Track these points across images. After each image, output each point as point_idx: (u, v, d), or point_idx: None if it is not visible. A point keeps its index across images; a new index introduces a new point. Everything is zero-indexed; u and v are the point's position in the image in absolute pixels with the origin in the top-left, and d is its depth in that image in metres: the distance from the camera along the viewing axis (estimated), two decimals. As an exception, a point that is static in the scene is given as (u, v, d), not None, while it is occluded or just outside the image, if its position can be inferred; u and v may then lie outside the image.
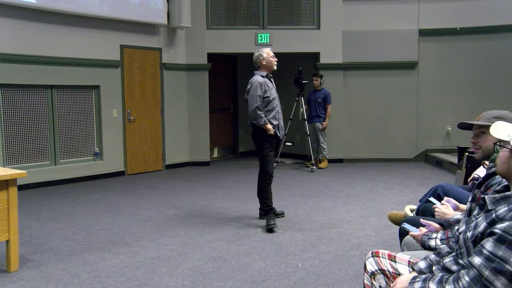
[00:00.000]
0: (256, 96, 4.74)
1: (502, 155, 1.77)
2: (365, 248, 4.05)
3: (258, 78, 4.84)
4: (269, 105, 4.85)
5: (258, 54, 4.94)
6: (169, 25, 8.24)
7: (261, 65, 4.93)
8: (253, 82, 4.82)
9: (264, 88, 4.79)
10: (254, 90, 4.76)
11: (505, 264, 1.55)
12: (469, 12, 8.62)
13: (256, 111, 4.75)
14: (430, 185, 3.97)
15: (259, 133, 4.85)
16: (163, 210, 5.51)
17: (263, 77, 4.87)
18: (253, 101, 4.75)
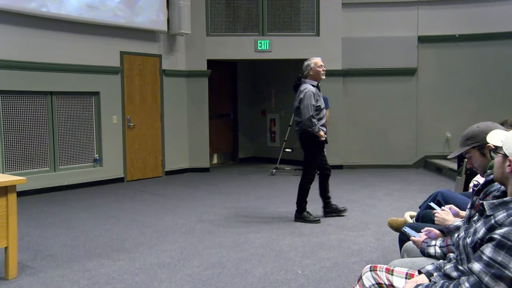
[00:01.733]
0: (310, 105, 4.96)
1: (497, 160, 1.80)
2: (365, 255, 4.04)
3: (310, 88, 5.04)
4: (320, 113, 5.09)
5: (307, 64, 5.18)
6: (169, 31, 8.27)
7: (309, 75, 5.13)
8: (306, 92, 5.00)
9: (316, 97, 5.01)
10: (308, 99, 4.97)
11: (505, 269, 1.55)
12: (467, 19, 8.66)
13: (311, 119, 4.96)
14: (430, 191, 3.97)
15: (310, 138, 5.06)
16: (163, 217, 5.50)
17: (314, 86, 5.08)
18: (308, 110, 4.96)
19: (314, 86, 5.07)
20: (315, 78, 5.13)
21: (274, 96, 10.15)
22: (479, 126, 2.45)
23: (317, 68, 5.10)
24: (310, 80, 5.13)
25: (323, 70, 5.14)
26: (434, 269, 1.95)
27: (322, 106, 5.11)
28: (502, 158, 1.75)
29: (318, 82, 5.16)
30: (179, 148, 8.72)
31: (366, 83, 9.00)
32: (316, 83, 5.12)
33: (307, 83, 5.10)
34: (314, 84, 5.10)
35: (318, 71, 5.10)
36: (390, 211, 5.60)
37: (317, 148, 5.16)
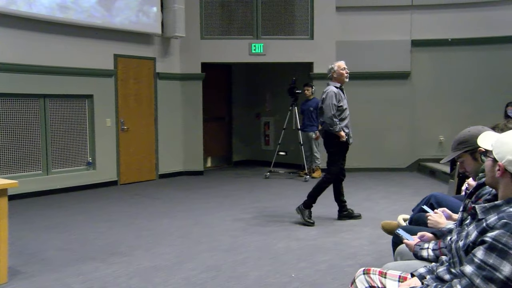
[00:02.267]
0: (332, 105, 5.09)
1: (487, 164, 1.82)
2: (360, 258, 4.06)
3: (332, 89, 5.19)
4: (342, 114, 5.21)
5: (330, 67, 5.33)
6: (164, 34, 8.27)
7: (332, 78, 5.28)
8: (328, 92, 5.16)
9: (338, 98, 5.14)
10: (330, 99, 5.11)
11: (496, 272, 1.58)
12: (460, 23, 8.73)
13: (333, 118, 5.08)
14: (423, 194, 4.00)
15: (332, 139, 5.16)
16: (158, 219, 5.50)
17: (337, 88, 5.21)
18: (329, 109, 5.08)
19: (337, 88, 5.21)
20: (338, 81, 5.27)
21: (268, 100, 10.17)
22: (470, 130, 2.48)
23: (340, 71, 5.26)
24: (333, 82, 5.28)
25: (346, 73, 5.29)
26: (427, 272, 1.97)
27: (345, 106, 5.22)
28: (492, 162, 1.77)
29: (342, 84, 5.29)
30: (173, 151, 8.71)
31: (360, 87, 9.02)
32: (339, 85, 5.26)
33: (330, 85, 5.25)
34: (337, 86, 5.24)
35: (341, 74, 5.26)
36: (385, 214, 5.62)
37: (339, 149, 5.25)
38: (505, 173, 1.71)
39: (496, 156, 1.73)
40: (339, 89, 5.25)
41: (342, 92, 5.27)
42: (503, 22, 8.63)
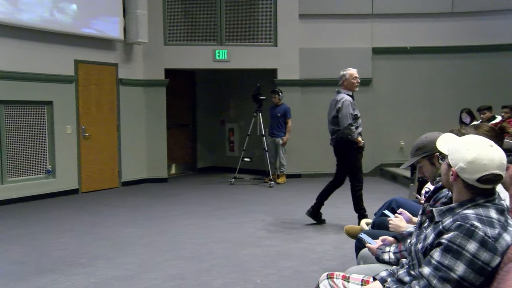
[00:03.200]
0: (349, 114, 5.06)
1: (443, 167, 1.88)
2: (324, 263, 4.09)
3: (347, 97, 5.14)
4: (357, 122, 5.20)
5: (341, 74, 5.29)
6: (126, 40, 8.14)
7: (343, 85, 5.25)
8: (343, 101, 5.10)
9: (353, 106, 5.12)
10: (347, 108, 5.07)
11: (451, 272, 1.62)
12: (418, 32, 9.03)
13: (350, 127, 5.06)
14: (385, 199, 4.09)
15: (350, 146, 5.17)
16: (121, 228, 5.37)
17: (350, 96, 5.18)
18: (346, 118, 5.06)
19: (350, 96, 5.19)
20: (349, 89, 5.25)
21: (233, 106, 10.16)
22: (427, 136, 2.55)
23: (351, 80, 5.23)
24: (345, 90, 5.24)
25: (357, 82, 5.27)
26: (388, 275, 2.01)
27: (359, 115, 5.24)
28: (447, 166, 1.83)
29: (353, 92, 5.27)
30: (136, 158, 8.56)
31: (323, 93, 9.12)
32: (351, 93, 5.24)
33: (343, 93, 5.21)
34: (349, 94, 5.22)
35: (352, 83, 5.24)
36: (349, 219, 5.68)
37: (356, 154, 5.28)
38: (458, 179, 1.76)
39: (451, 161, 1.78)
40: (351, 97, 5.22)
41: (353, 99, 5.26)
42: (459, 32, 8.99)
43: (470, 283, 1.61)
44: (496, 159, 1.70)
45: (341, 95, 5.20)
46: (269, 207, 6.53)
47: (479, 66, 8.99)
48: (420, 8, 8.99)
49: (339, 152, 5.37)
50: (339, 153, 5.38)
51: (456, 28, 8.97)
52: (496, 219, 1.68)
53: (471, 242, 1.62)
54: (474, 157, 1.70)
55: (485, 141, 1.77)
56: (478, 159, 1.70)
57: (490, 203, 1.73)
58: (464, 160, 1.72)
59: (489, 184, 1.72)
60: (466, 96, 8.75)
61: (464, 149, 1.74)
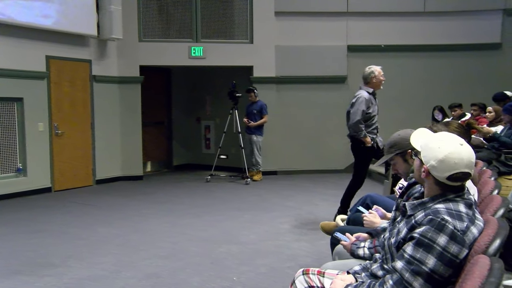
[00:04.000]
0: (360, 111, 4.97)
1: (416, 163, 1.93)
2: (300, 259, 4.12)
3: (364, 94, 5.06)
4: (369, 121, 5.10)
5: (370, 71, 5.17)
6: (100, 36, 7.99)
7: (370, 82, 5.14)
8: (359, 97, 5.03)
9: (368, 104, 5.03)
10: (360, 104, 4.99)
11: (422, 265, 1.66)
12: (392, 30, 9.15)
13: (358, 124, 4.98)
14: (361, 195, 4.14)
15: (358, 145, 5.07)
16: (95, 227, 5.28)
17: (369, 93, 5.09)
18: (356, 115, 4.97)
19: (369, 94, 5.11)
20: (374, 86, 5.17)
21: (209, 103, 10.11)
22: (400, 134, 2.60)
23: (380, 77, 5.17)
24: (367, 87, 5.16)
25: (383, 80, 5.21)
26: (362, 270, 2.04)
27: (373, 113, 5.14)
28: (419, 162, 1.87)
29: (375, 90, 5.20)
30: (111, 156, 8.43)
31: (299, 90, 9.22)
32: (372, 90, 5.15)
33: (363, 89, 5.14)
34: (369, 91, 5.13)
35: (380, 80, 5.18)
36: (324, 215, 5.72)
37: (365, 154, 5.15)
38: (429, 175, 1.81)
39: (423, 159, 1.83)
40: (371, 94, 5.15)
41: (374, 98, 5.19)
42: (431, 31, 9.16)
43: (440, 275, 1.65)
44: (465, 158, 1.75)
45: (360, 91, 5.15)
46: (245, 204, 6.53)
47: (450, 65, 9.18)
48: (394, 7, 9.12)
49: (352, 148, 5.29)
50: (352, 149, 5.30)
51: (428, 27, 9.14)
52: (465, 213, 1.73)
53: (441, 235, 1.66)
54: (444, 156, 1.75)
55: (456, 139, 1.81)
56: (448, 158, 1.75)
57: (460, 198, 1.78)
58: (435, 158, 1.77)
59: (458, 182, 1.78)
60: (438, 93, 8.93)
61: (436, 147, 1.79)
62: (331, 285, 1.98)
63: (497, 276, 1.36)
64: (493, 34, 9.24)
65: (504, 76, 8.96)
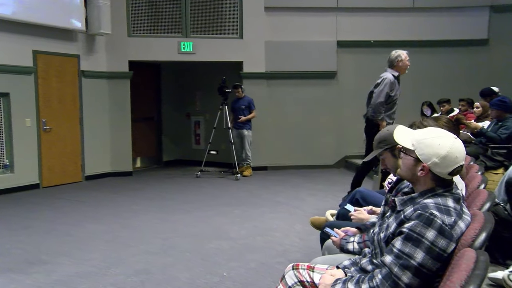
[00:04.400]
0: (384, 92, 4.91)
1: (407, 162, 1.88)
2: (290, 255, 4.13)
3: (390, 76, 4.99)
4: (390, 104, 5.03)
5: (397, 54, 5.12)
6: (88, 31, 7.92)
7: (396, 65, 5.09)
8: (385, 78, 4.97)
9: (392, 87, 4.96)
10: (385, 86, 4.93)
11: (411, 259, 1.68)
12: (381, 26, 9.19)
13: (379, 106, 4.92)
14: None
15: (372, 127, 4.98)
16: (84, 224, 5.25)
17: (394, 77, 5.01)
18: (380, 96, 4.92)
19: (394, 77, 5.03)
20: (399, 70, 5.12)
21: (198, 99, 10.08)
22: (389, 129, 2.61)
23: (406, 62, 5.13)
24: (392, 70, 5.10)
25: (409, 65, 5.16)
26: (351, 264, 2.05)
27: (395, 97, 5.06)
28: (414, 161, 1.85)
29: (400, 74, 5.14)
30: (100, 152, 8.38)
31: (289, 86, 9.22)
32: (397, 74, 5.09)
33: (389, 72, 5.07)
34: (395, 74, 5.07)
35: (406, 65, 5.14)
36: (314, 210, 5.75)
37: None
38: (428, 173, 1.81)
39: (421, 157, 1.81)
40: (396, 78, 5.08)
41: (398, 82, 5.12)
42: (420, 27, 9.20)
43: (428, 269, 1.67)
44: (462, 151, 1.80)
45: (386, 74, 5.10)
46: (235, 200, 6.54)
47: (438, 60, 9.24)
48: (383, 3, 9.15)
49: (365, 130, 5.26)
50: (365, 131, 5.27)
51: (417, 23, 9.19)
52: (453, 207, 1.75)
53: (430, 230, 1.67)
54: (447, 152, 1.77)
55: (449, 134, 1.83)
56: (450, 154, 1.77)
57: (448, 193, 1.80)
58: (438, 155, 1.77)
59: (456, 175, 1.81)
60: (427, 89, 8.99)
61: (435, 144, 1.79)
62: (321, 279, 1.99)
63: (482, 268, 1.38)
64: (480, 30, 9.32)
65: (491, 71, 9.06)
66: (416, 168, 1.83)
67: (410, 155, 1.86)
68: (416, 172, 1.83)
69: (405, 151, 1.89)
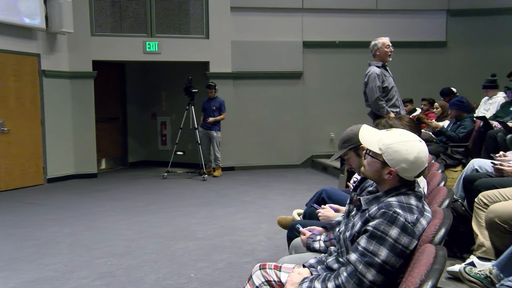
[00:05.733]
0: (375, 87, 4.82)
1: (374, 165, 1.89)
2: (257, 254, 4.14)
3: (374, 69, 4.88)
4: (389, 94, 4.93)
5: (373, 43, 4.99)
6: (48, 29, 7.69)
7: (375, 55, 4.98)
8: (369, 74, 4.86)
9: (382, 78, 4.85)
10: (372, 81, 4.83)
11: (375, 257, 1.71)
12: (346, 27, 9.35)
13: (378, 101, 4.83)
14: (316, 189, 4.20)
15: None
16: (45, 227, 5.10)
17: (379, 67, 4.90)
18: (373, 92, 4.82)
19: (379, 67, 4.92)
20: (381, 59, 4.98)
21: (164, 99, 9.97)
22: (353, 129, 2.64)
23: (384, 49, 4.95)
24: (375, 61, 4.99)
25: (390, 51, 4.99)
26: (317, 263, 2.07)
27: (390, 86, 4.95)
28: (381, 164, 1.86)
29: (384, 63, 5.01)
30: (63, 154, 8.16)
31: (256, 86, 9.25)
32: (381, 64, 4.96)
33: (372, 65, 4.96)
34: (378, 65, 4.94)
35: (385, 52, 4.96)
36: (281, 210, 5.77)
37: None
38: (396, 177, 1.84)
39: (389, 162, 1.83)
40: (382, 67, 4.97)
41: (386, 70, 5.01)
42: (383, 28, 9.37)
43: (391, 266, 1.70)
44: (427, 153, 1.84)
45: (369, 68, 4.98)
46: (202, 200, 6.50)
47: (399, 61, 9.38)
48: (347, 4, 9.31)
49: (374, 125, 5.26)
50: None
51: (380, 24, 9.39)
52: (415, 205, 1.80)
53: (393, 228, 1.71)
54: (415, 157, 1.80)
55: (415, 137, 1.87)
56: (418, 158, 1.81)
57: (411, 191, 1.84)
58: (407, 161, 1.80)
59: (420, 176, 1.86)
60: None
61: (403, 149, 1.81)
62: (288, 278, 2.00)
63: (440, 263, 1.43)
64: (439, 33, 9.63)
65: (449, 72, 9.37)
66: (383, 172, 1.85)
67: (377, 159, 1.87)
68: (383, 175, 1.86)
69: (372, 154, 1.90)
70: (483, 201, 3.11)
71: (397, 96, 5.12)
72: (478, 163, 3.94)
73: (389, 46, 5.02)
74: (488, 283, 2.59)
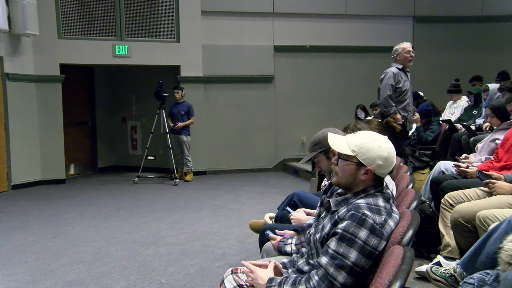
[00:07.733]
0: (389, 85, 4.92)
1: (348, 168, 1.89)
2: (229, 258, 4.12)
3: (392, 69, 5.04)
4: (400, 96, 5.01)
5: (394, 49, 5.18)
6: (12, 31, 7.47)
7: (396, 60, 5.14)
8: (387, 72, 5.01)
9: (397, 79, 4.96)
10: (388, 79, 4.96)
11: (345, 259, 1.72)
12: (316, 31, 9.46)
13: (388, 99, 4.91)
14: (288, 193, 4.21)
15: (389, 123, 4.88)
16: (8, 236, 4.94)
17: (399, 69, 5.04)
18: (385, 89, 4.92)
19: (398, 69, 5.07)
20: (401, 63, 5.15)
21: (135, 103, 9.83)
22: (323, 132, 2.68)
23: (404, 54, 5.13)
24: (396, 63, 5.16)
25: (410, 57, 5.14)
26: (288, 262, 2.08)
27: (404, 88, 5.05)
28: (355, 166, 1.87)
29: (405, 67, 5.16)
30: (29, 159, 7.93)
31: (227, 90, 9.23)
32: (401, 66, 5.12)
33: (393, 66, 5.13)
34: (399, 67, 5.10)
35: (405, 57, 5.14)
36: (253, 213, 5.79)
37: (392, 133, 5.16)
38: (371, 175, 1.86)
39: (365, 161, 1.85)
40: (402, 70, 5.12)
41: (405, 73, 5.15)
42: (352, 33, 9.57)
43: (361, 267, 1.72)
44: (394, 150, 1.90)
45: (389, 68, 5.18)
46: (173, 204, 6.43)
47: (370, 66, 9.62)
48: (318, 9, 9.42)
49: None
50: None
51: (348, 29, 9.56)
52: (383, 207, 1.82)
53: (362, 229, 1.72)
54: (387, 153, 1.85)
55: (380, 135, 1.91)
56: (390, 154, 1.87)
57: (379, 193, 1.87)
58: (381, 157, 1.84)
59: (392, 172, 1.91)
60: (361, 93, 9.33)
61: (376, 147, 1.84)
62: (253, 281, 1.96)
63: (408, 264, 1.46)
64: (405, 38, 9.76)
65: (416, 77, 9.51)
66: (359, 173, 1.86)
67: (351, 161, 1.88)
68: (359, 176, 1.86)
69: (345, 157, 1.90)
70: (448, 202, 3.19)
71: (410, 101, 5.29)
72: (445, 165, 4.05)
73: (410, 51, 5.20)
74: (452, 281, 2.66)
